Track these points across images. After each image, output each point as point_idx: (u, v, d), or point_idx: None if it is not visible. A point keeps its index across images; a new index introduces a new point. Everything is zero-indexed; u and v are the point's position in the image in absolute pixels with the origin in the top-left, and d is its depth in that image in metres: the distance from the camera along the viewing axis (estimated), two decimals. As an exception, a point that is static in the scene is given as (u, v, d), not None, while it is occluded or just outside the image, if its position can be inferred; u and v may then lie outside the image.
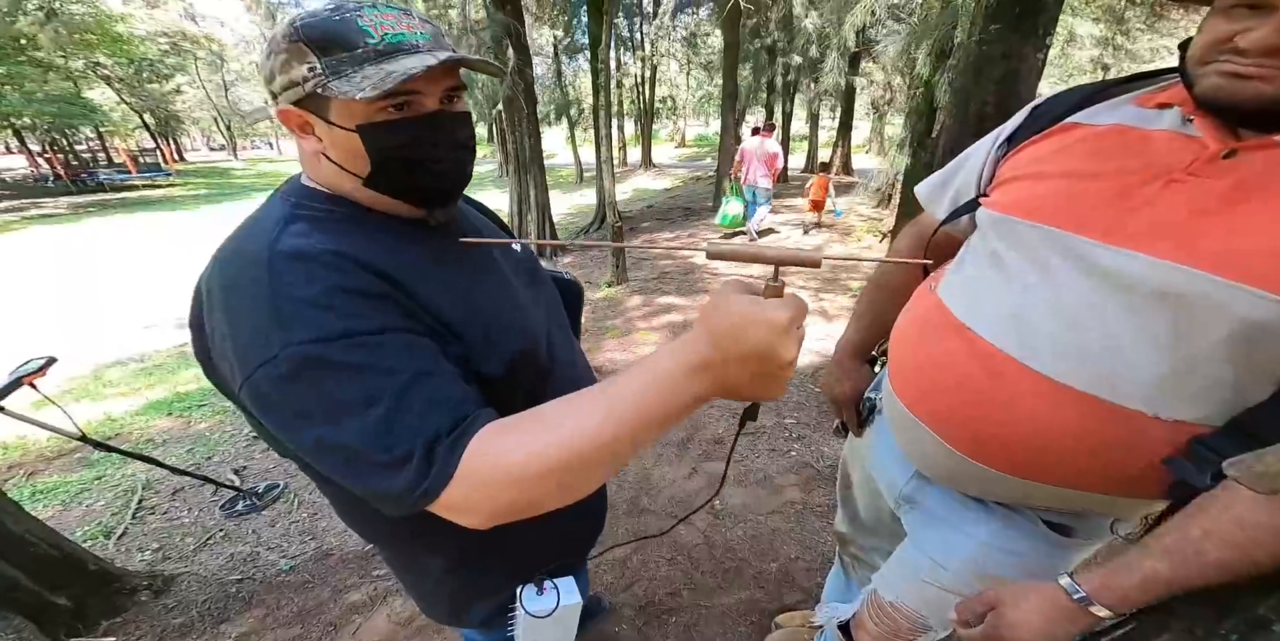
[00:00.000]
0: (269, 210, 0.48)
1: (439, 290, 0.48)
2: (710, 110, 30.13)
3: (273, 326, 0.40)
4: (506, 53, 5.02)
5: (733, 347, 0.36)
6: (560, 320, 0.67)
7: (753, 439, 2.10)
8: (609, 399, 0.38)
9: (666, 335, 3.33)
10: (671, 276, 4.55)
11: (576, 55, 13.17)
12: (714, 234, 6.36)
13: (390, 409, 0.39)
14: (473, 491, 0.38)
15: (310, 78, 0.43)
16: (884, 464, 0.74)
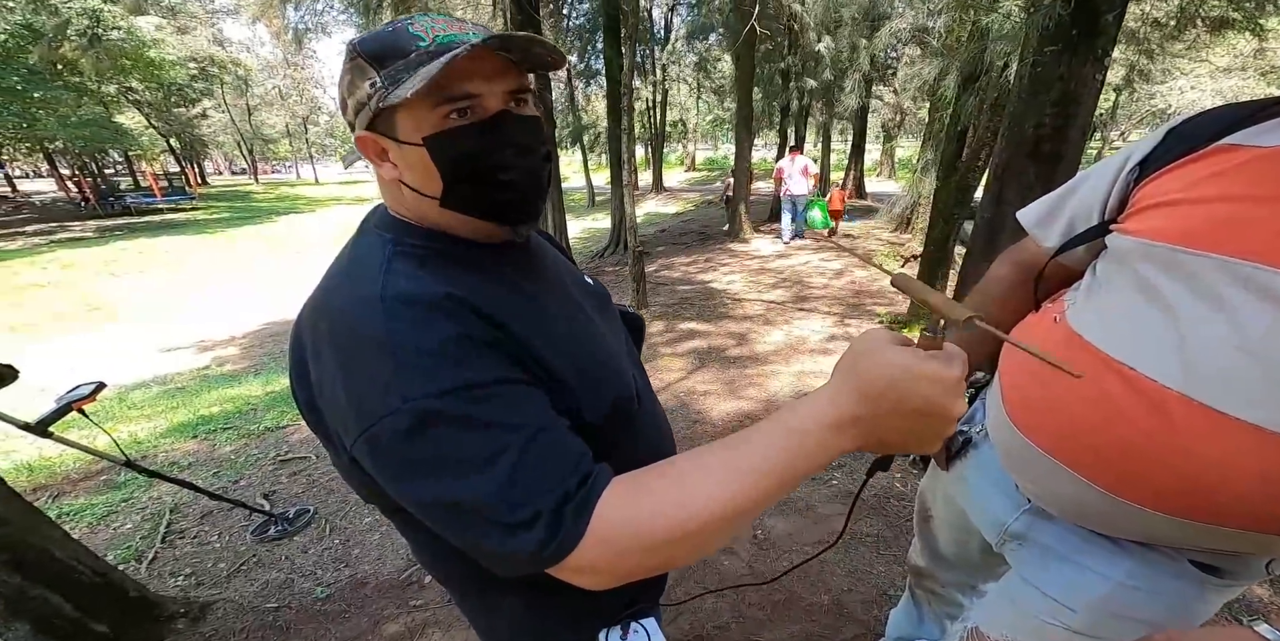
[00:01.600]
0: (368, 247, 0.48)
1: (541, 334, 0.47)
2: (721, 134, 31.25)
3: (393, 378, 0.39)
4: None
5: (891, 405, 0.36)
6: (635, 356, 0.67)
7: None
8: (746, 460, 0.38)
9: (692, 361, 3.43)
10: (692, 302, 4.69)
11: (590, 81, 13.89)
12: (730, 258, 6.55)
13: (515, 466, 0.38)
14: (601, 555, 0.38)
15: (373, 93, 0.43)
16: (984, 499, 0.73)
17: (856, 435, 0.38)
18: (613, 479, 0.40)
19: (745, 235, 7.62)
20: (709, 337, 3.82)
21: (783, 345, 3.56)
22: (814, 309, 4.27)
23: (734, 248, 7.19)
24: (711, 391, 2.99)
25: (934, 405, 0.36)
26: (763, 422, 0.40)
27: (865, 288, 4.73)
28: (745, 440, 0.40)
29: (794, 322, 3.99)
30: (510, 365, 0.43)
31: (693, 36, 11.89)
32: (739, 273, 5.74)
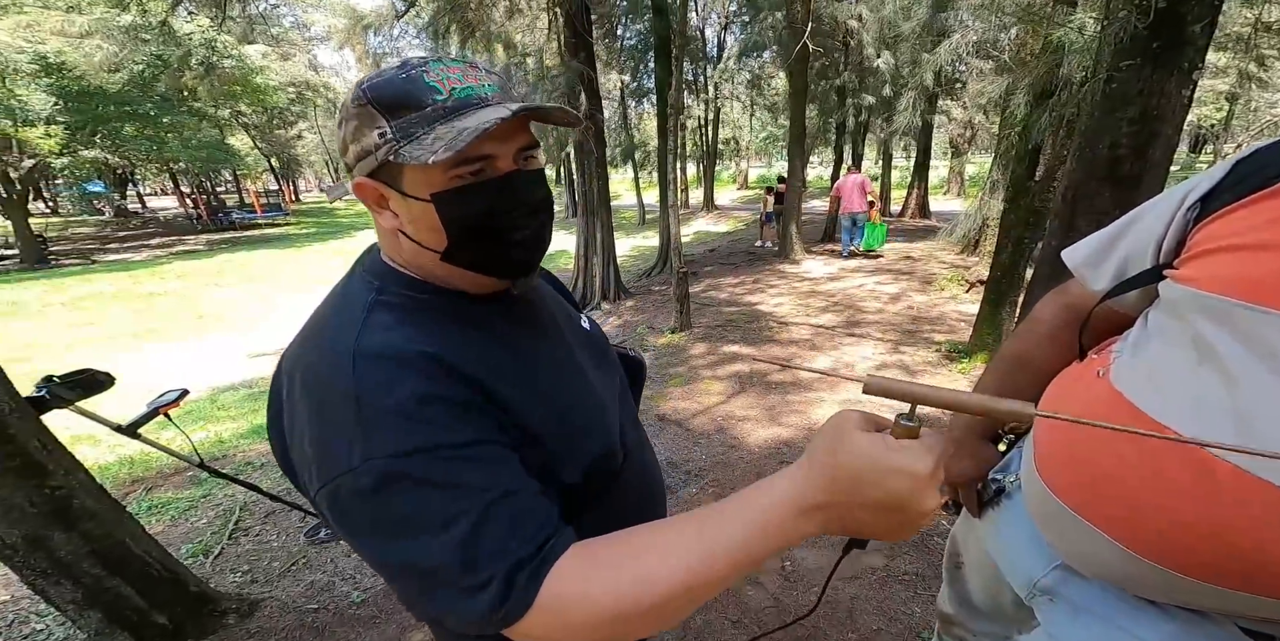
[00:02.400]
0: (352, 293, 0.49)
1: (521, 393, 0.47)
2: (774, 151, 31.18)
3: (356, 435, 0.40)
4: (579, 98, 5.73)
5: (859, 495, 0.36)
6: (629, 406, 0.66)
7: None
8: (708, 539, 0.38)
9: (732, 385, 3.45)
10: (736, 324, 4.72)
11: (642, 99, 14.47)
12: (779, 279, 6.51)
13: (473, 530, 0.38)
14: (550, 624, 0.38)
15: (381, 144, 0.43)
16: (1014, 551, 0.71)
17: (823, 521, 0.38)
18: (572, 546, 0.40)
19: (796, 256, 7.55)
20: (752, 362, 3.82)
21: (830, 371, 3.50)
22: (866, 335, 4.16)
23: (784, 269, 7.14)
24: (750, 417, 3.00)
25: (901, 501, 0.35)
26: (730, 499, 0.40)
27: (923, 313, 4.56)
28: (709, 516, 0.39)
29: (842, 348, 3.91)
30: (482, 426, 0.43)
31: (745, 54, 12.14)
32: (787, 295, 5.69)
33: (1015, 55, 4.85)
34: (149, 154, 15.11)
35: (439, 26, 6.47)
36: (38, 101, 12.03)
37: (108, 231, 18.84)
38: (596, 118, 5.95)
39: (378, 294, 0.47)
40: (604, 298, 6.16)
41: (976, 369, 3.18)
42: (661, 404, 3.29)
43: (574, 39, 5.53)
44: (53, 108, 12.05)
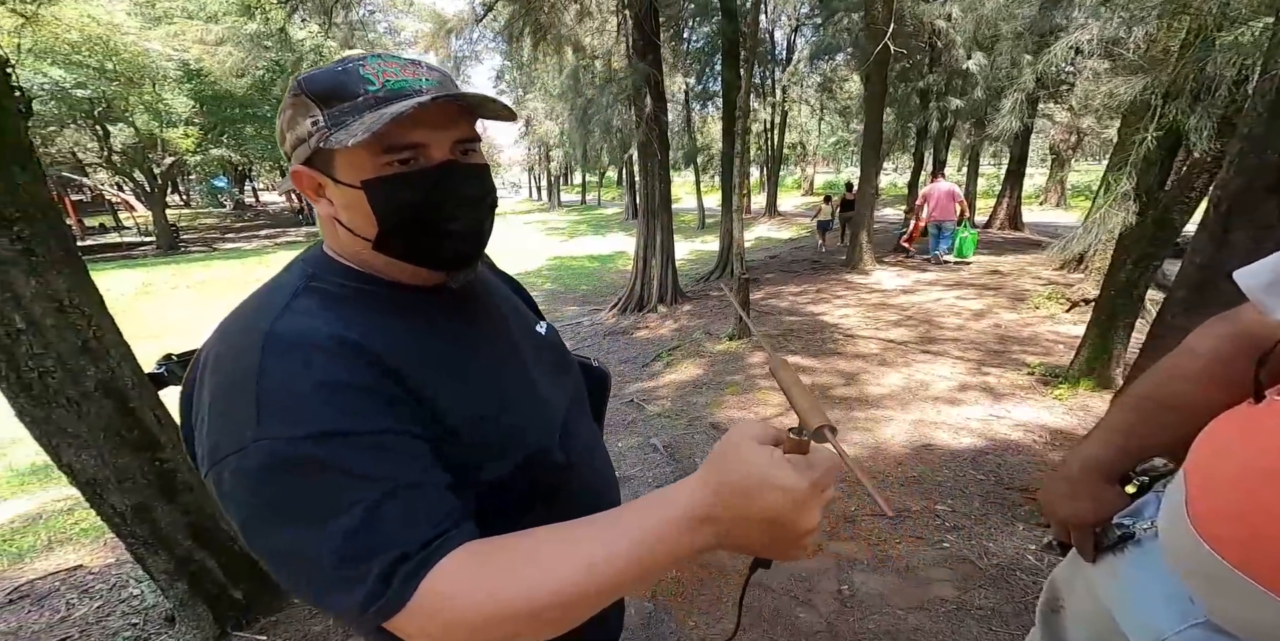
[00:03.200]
0: (286, 278, 0.49)
1: (449, 385, 0.47)
2: (844, 157, 30.16)
3: (251, 416, 0.39)
4: (645, 100, 5.86)
5: (741, 509, 0.36)
6: (583, 410, 0.65)
7: (892, 522, 2.05)
8: (597, 547, 0.37)
9: (791, 397, 3.37)
10: (798, 334, 4.61)
11: (706, 103, 14.56)
12: (846, 290, 6.29)
13: (360, 521, 0.37)
14: (427, 624, 0.37)
15: (314, 132, 0.44)
16: (1139, 603, 0.67)
17: (712, 534, 0.37)
18: (465, 545, 0.39)
19: (865, 266, 7.26)
20: (814, 374, 3.72)
21: (900, 389, 3.34)
22: (943, 352, 3.93)
23: (851, 279, 6.89)
24: (812, 430, 2.92)
25: (780, 517, 0.35)
26: (627, 507, 0.40)
27: (1013, 332, 4.23)
28: (603, 524, 0.39)
29: (915, 366, 3.72)
30: (392, 415, 0.42)
31: (817, 57, 11.91)
32: (855, 307, 5.48)
33: (1145, 53, 4.42)
34: (264, 152, 17.13)
35: (514, 30, 6.86)
36: (180, 105, 14.02)
37: (227, 222, 21.55)
38: (662, 120, 6.05)
39: (309, 281, 0.48)
40: (660, 301, 6.21)
41: (1079, 397, 2.92)
42: (716, 411, 3.27)
43: (642, 41, 5.69)
44: (191, 110, 13.97)
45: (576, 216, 23.58)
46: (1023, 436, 2.62)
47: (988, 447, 2.54)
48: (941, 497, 2.17)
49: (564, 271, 11.19)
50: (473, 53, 9.48)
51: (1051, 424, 2.70)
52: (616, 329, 5.68)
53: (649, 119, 5.81)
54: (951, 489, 2.23)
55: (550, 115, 20.66)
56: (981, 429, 2.73)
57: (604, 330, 5.70)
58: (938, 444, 2.63)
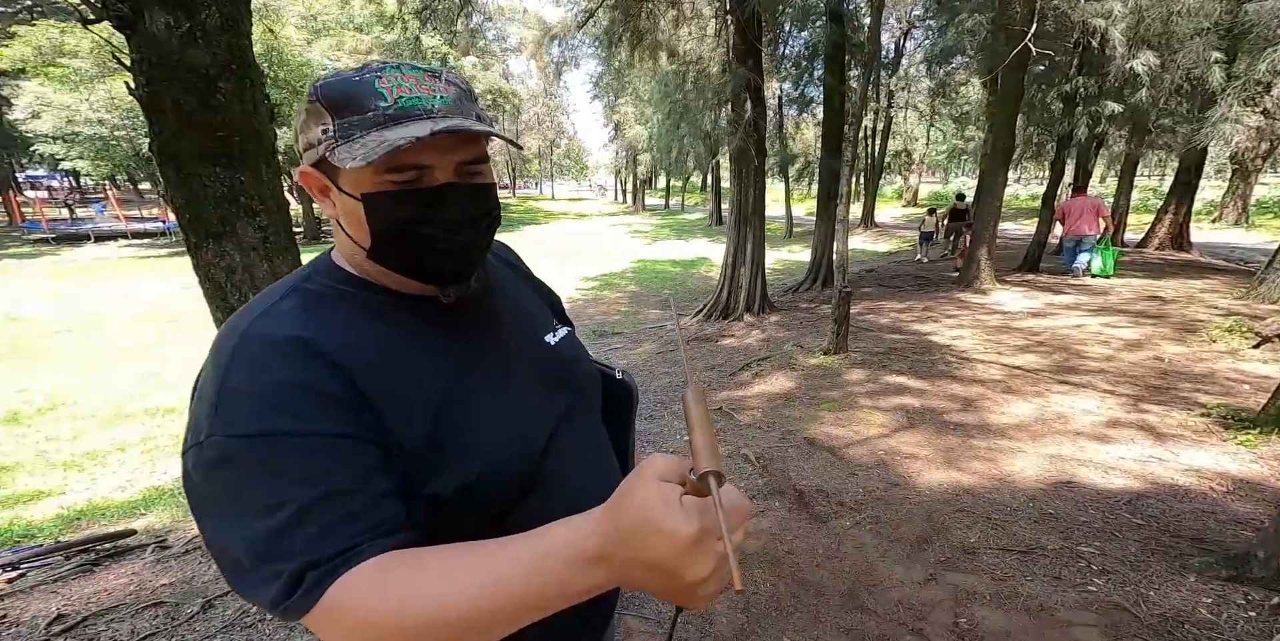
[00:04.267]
0: (289, 277, 0.53)
1: (409, 396, 0.48)
2: (957, 166, 28.09)
3: (211, 410, 0.42)
4: (744, 105, 5.90)
5: (629, 550, 0.35)
6: (581, 424, 0.63)
7: (1021, 557, 1.89)
8: (496, 574, 0.38)
9: (898, 419, 3.22)
10: (904, 353, 4.37)
11: (803, 109, 14.29)
12: (960, 310, 5.85)
13: (287, 521, 0.40)
14: (328, 628, 0.39)
15: (323, 140, 0.46)
16: None
17: (607, 574, 0.37)
18: (381, 555, 0.41)
19: (983, 284, 6.71)
20: (922, 396, 3.52)
21: (1030, 420, 3.06)
22: (1087, 384, 3.53)
23: (966, 298, 6.40)
24: (920, 456, 2.77)
25: (665, 563, 0.34)
26: (533, 533, 0.40)
27: (1182, 367, 3.70)
28: (506, 549, 0.40)
29: (1050, 396, 3.38)
30: (345, 421, 0.44)
31: (932, 61, 11.27)
32: (971, 329, 5.09)
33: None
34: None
35: (613, 35, 7.23)
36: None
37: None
38: (760, 125, 6.07)
39: (302, 281, 0.51)
40: (747, 309, 6.17)
41: (1273, 445, 2.51)
42: (811, 427, 3.20)
43: (743, 46, 5.76)
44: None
45: (660, 220, 24.01)
46: (1195, 483, 2.31)
47: (1148, 491, 2.27)
48: (1086, 539, 1.98)
49: (647, 274, 11.43)
50: (571, 58, 10.10)
51: (1235, 472, 2.36)
52: (701, 335, 5.72)
53: (748, 124, 5.84)
54: (1099, 530, 2.02)
55: (640, 119, 21.38)
56: (1139, 471, 2.44)
57: (688, 335, 5.76)
58: (1082, 482, 2.39)
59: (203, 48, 1.25)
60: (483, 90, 21.62)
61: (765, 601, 1.84)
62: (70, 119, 13.90)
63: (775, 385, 3.98)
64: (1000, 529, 2.10)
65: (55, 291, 9.79)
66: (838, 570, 1.95)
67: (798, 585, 1.90)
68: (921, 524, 2.18)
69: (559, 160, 42.24)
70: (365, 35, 15.29)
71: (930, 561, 1.95)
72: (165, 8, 1.16)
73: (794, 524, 2.26)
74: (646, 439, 3.18)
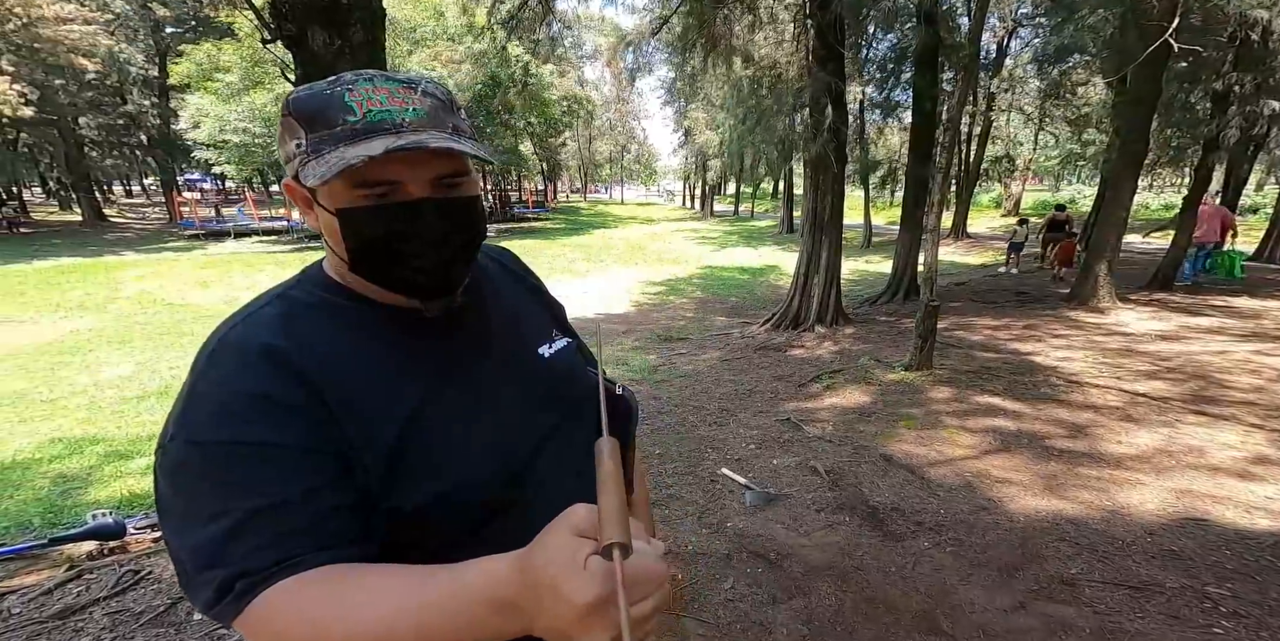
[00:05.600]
0: (273, 287, 0.55)
1: (378, 410, 0.48)
2: (1074, 173, 25.77)
3: (179, 413, 0.45)
4: (824, 111, 5.84)
5: (533, 602, 0.34)
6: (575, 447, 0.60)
7: (1132, 593, 1.75)
8: (415, 601, 0.38)
9: (990, 441, 3.04)
10: (998, 372, 4.10)
11: (888, 114, 13.83)
12: (1070, 329, 5.37)
13: (229, 530, 0.41)
14: (250, 637, 0.41)
15: (297, 154, 0.47)
16: None
17: (518, 621, 0.36)
18: (310, 570, 0.41)
19: (1101, 302, 6.12)
20: (1020, 419, 3.29)
21: (1154, 451, 2.78)
22: (1229, 416, 3.15)
23: (1078, 317, 5.87)
24: (1014, 481, 2.60)
25: (559, 627, 0.33)
26: (455, 567, 0.39)
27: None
28: (430, 578, 0.39)
29: (1180, 427, 3.04)
30: (303, 432, 0.45)
31: (1044, 61, 10.53)
32: (1084, 350, 4.68)
33: None
34: (475, 158, 21.45)
35: (686, 41, 7.44)
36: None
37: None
38: (841, 132, 5.98)
39: (288, 288, 0.53)
40: (820, 320, 6.02)
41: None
42: (888, 443, 3.09)
43: (823, 50, 5.73)
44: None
45: (728, 227, 23.98)
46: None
47: (1292, 535, 1.99)
48: (1216, 580, 1.80)
49: (714, 281, 11.45)
50: (645, 64, 10.47)
51: None
52: (769, 344, 5.66)
53: (827, 130, 5.79)
54: (1234, 572, 1.83)
55: (710, 125, 21.61)
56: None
57: (755, 344, 5.71)
58: (1217, 521, 2.16)
59: (349, 61, 1.52)
60: (559, 97, 22.83)
61: (829, 615, 1.82)
62: (221, 128, 16.29)
63: (848, 399, 3.88)
64: (1108, 562, 1.94)
65: (204, 281, 11.39)
66: (911, 590, 1.89)
67: (865, 601, 1.86)
68: (1012, 550, 2.05)
69: (628, 165, 43.41)
70: (459, 45, 16.72)
71: (1020, 589, 1.84)
72: (324, 26, 1.44)
73: (864, 540, 2.21)
74: (711, 445, 3.21)
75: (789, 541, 2.21)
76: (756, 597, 1.90)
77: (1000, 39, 13.63)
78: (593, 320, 7.40)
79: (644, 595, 0.33)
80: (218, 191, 33.02)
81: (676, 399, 4.08)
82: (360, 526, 0.45)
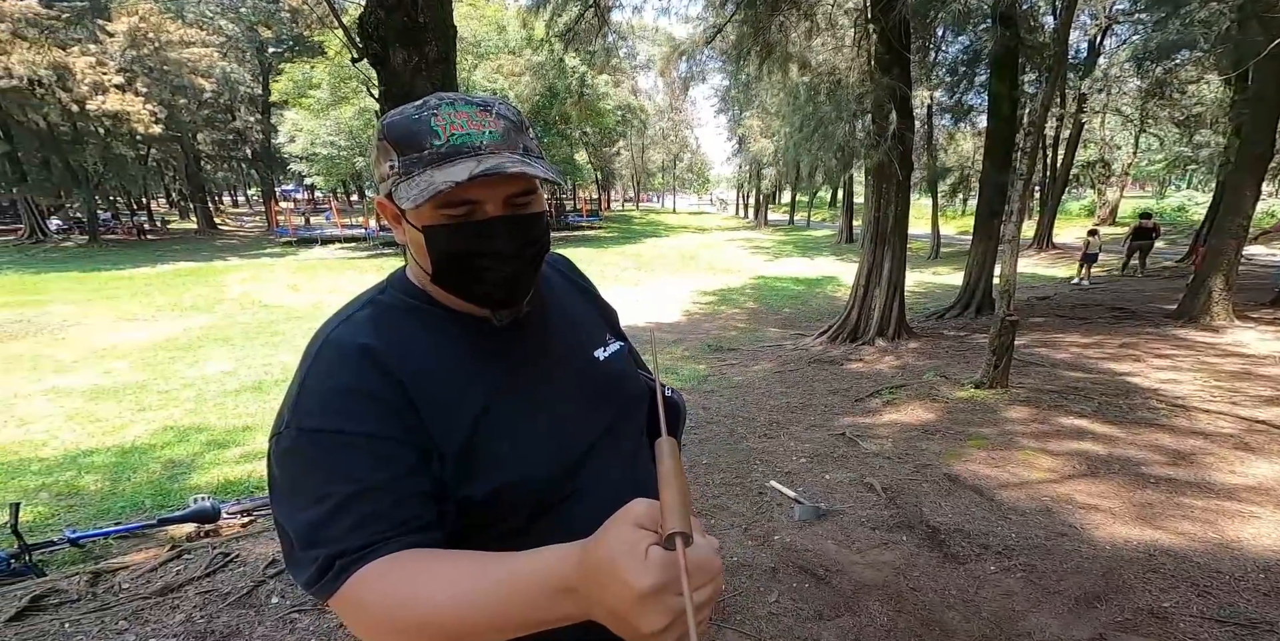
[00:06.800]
0: (368, 290, 0.63)
1: (453, 406, 0.55)
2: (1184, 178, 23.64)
3: (291, 405, 0.52)
4: (888, 117, 5.73)
5: (592, 589, 0.37)
6: (619, 439, 0.67)
7: (1237, 631, 1.59)
8: (485, 586, 0.42)
9: (1074, 464, 2.84)
10: (1087, 392, 3.81)
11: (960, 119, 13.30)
12: (1176, 348, 4.90)
13: (329, 512, 0.47)
14: (346, 616, 0.47)
15: (390, 175, 0.53)
16: None
17: (575, 606, 0.39)
18: (394, 554, 0.47)
19: (1216, 320, 5.56)
20: (1112, 443, 3.05)
21: (1274, 482, 2.50)
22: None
23: (1186, 335, 5.37)
24: (1102, 507, 2.42)
25: (620, 611, 0.35)
26: (522, 555, 0.43)
27: None
28: (498, 565, 0.43)
29: (1310, 459, 2.71)
30: (389, 424, 0.51)
31: (1146, 58, 9.83)
32: (1192, 371, 4.27)
33: None
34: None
35: (741, 49, 7.53)
36: (485, 130, 19.59)
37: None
38: (906, 138, 5.85)
39: (378, 293, 0.61)
40: (880, 333, 5.82)
41: None
42: (954, 463, 2.95)
43: (887, 54, 5.65)
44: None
45: (783, 236, 23.69)
46: None
47: None
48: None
49: (767, 292, 11.32)
50: (698, 73, 10.66)
51: None
52: (824, 357, 5.52)
53: (892, 137, 5.68)
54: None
55: (765, 133, 21.55)
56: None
57: (809, 357, 5.60)
58: (1349, 561, 1.90)
59: (425, 77, 1.71)
60: (614, 106, 23.53)
61: (879, 635, 1.76)
62: (312, 141, 18.02)
63: (910, 415, 3.73)
64: (1210, 597, 1.76)
65: (294, 284, 12.59)
66: (972, 614, 1.80)
67: (920, 624, 1.79)
68: (1094, 579, 1.91)
69: (681, 174, 43.92)
70: (519, 58, 17.66)
71: (1101, 621, 1.71)
72: (404, 44, 1.64)
73: (922, 560, 2.12)
74: (760, 457, 3.18)
75: (839, 557, 2.16)
76: (801, 613, 1.87)
77: (1093, 37, 12.87)
78: (644, 328, 7.50)
79: (701, 584, 0.35)
80: (308, 201, 36.20)
81: (726, 409, 4.06)
82: (435, 514, 0.51)
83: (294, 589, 2.03)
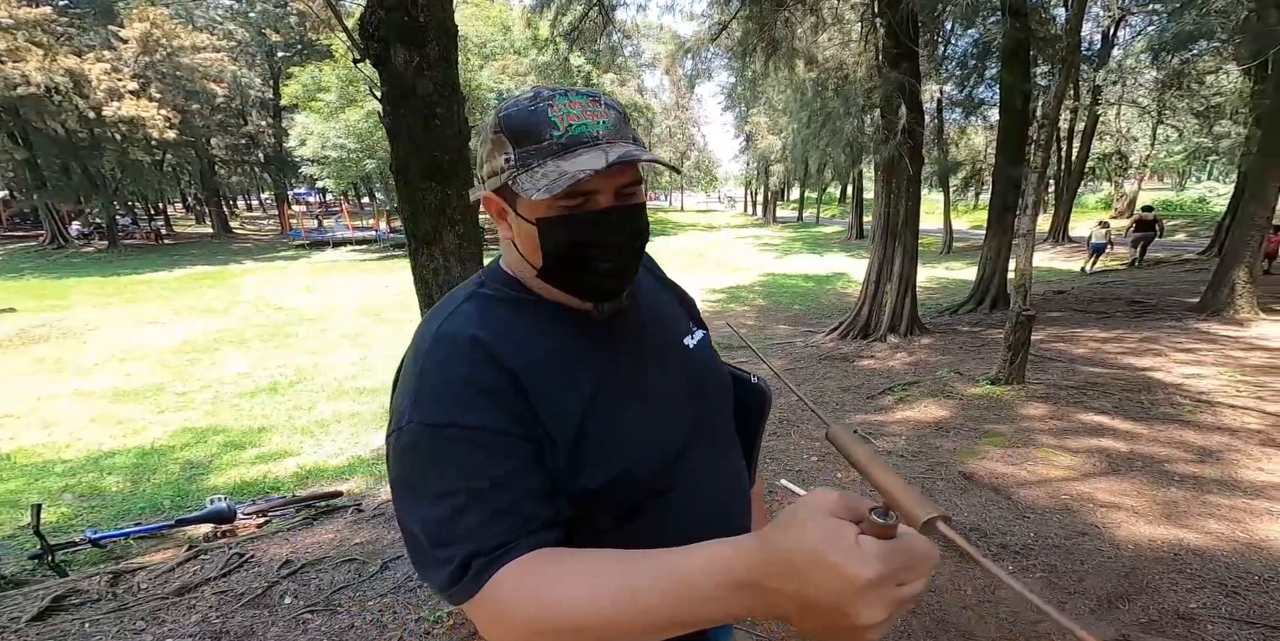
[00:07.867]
0: (463, 286, 0.62)
1: (563, 395, 0.54)
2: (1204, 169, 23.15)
3: (409, 400, 0.52)
4: (898, 111, 5.65)
5: (790, 585, 0.35)
6: (716, 434, 0.68)
7: (1267, 633, 1.52)
8: (637, 587, 0.41)
9: (1094, 462, 2.78)
10: (1107, 388, 3.73)
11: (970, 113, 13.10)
12: (1199, 342, 4.79)
13: (457, 508, 0.47)
14: (483, 617, 0.46)
15: (506, 168, 0.52)
16: None
17: (753, 601, 0.38)
18: (531, 553, 0.46)
19: (1240, 314, 5.43)
20: (1133, 440, 2.98)
21: (1304, 480, 2.42)
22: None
23: (1210, 329, 5.24)
24: (1124, 506, 2.36)
25: (832, 604, 0.33)
26: (681, 550, 0.41)
27: None
28: (651, 562, 0.42)
29: (1343, 456, 2.63)
30: (503, 415, 0.50)
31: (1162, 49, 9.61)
32: (1215, 365, 4.17)
33: None
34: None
35: (747, 46, 7.47)
36: (488, 127, 19.81)
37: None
38: (917, 133, 5.78)
39: (478, 287, 0.60)
40: (892, 330, 5.76)
41: None
42: (970, 461, 2.90)
43: (895, 48, 5.58)
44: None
45: (792, 233, 23.48)
46: None
47: None
48: None
49: (777, 289, 11.27)
50: (704, 70, 10.59)
51: None
52: (835, 354, 5.47)
53: (901, 131, 5.61)
54: None
55: (773, 129, 21.42)
56: None
57: (820, 354, 5.55)
58: (1386, 562, 1.84)
59: (427, 77, 1.70)
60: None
61: (894, 634, 1.73)
62: (323, 144, 18.22)
63: (924, 413, 3.67)
64: (1238, 597, 1.71)
65: (308, 286, 12.75)
66: (989, 615, 1.76)
67: (935, 624, 1.76)
68: (1116, 579, 1.86)
69: (688, 172, 43.89)
70: (524, 58, 17.68)
71: (1124, 621, 1.67)
72: (404, 44, 1.64)
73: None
74: (770, 455, 3.15)
75: (853, 556, 2.13)
76: (816, 612, 1.84)
77: (1106, 28, 12.62)
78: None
79: (920, 575, 0.34)
80: (319, 204, 36.74)
81: (735, 408, 4.03)
82: (552, 510, 0.51)
83: (306, 589, 2.05)
